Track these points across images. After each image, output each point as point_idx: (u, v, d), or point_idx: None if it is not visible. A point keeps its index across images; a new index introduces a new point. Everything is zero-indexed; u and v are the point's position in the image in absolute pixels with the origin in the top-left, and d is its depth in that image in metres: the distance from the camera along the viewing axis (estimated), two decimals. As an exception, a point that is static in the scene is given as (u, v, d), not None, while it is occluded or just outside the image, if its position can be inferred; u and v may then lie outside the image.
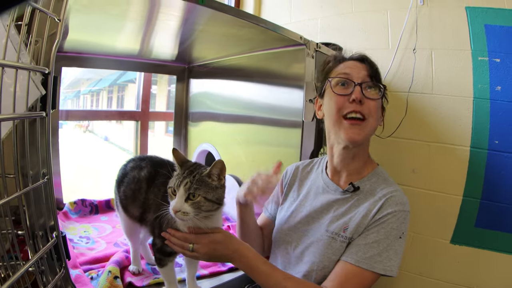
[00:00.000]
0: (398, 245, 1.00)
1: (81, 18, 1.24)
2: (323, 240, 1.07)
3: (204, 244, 1.00)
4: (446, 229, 1.71)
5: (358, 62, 1.15)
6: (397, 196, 1.05)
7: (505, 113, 1.57)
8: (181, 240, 1.02)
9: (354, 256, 1.00)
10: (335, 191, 1.16)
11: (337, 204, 1.13)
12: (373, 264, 0.97)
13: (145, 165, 1.18)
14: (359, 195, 1.11)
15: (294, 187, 1.30)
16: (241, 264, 1.02)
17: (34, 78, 0.71)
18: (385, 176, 1.16)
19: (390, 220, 1.01)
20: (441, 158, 1.72)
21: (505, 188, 1.57)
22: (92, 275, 1.23)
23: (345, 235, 1.04)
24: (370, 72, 1.11)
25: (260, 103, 1.83)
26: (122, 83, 3.37)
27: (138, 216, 1.17)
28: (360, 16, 1.97)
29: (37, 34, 0.73)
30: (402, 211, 1.02)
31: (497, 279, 1.61)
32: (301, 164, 1.35)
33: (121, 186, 1.21)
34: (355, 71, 1.11)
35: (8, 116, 0.66)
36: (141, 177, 1.16)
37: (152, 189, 1.12)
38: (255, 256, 1.02)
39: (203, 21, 1.38)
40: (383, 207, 1.03)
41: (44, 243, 0.83)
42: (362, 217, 1.04)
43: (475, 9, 1.62)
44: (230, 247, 1.02)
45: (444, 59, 1.70)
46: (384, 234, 1.00)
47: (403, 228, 1.02)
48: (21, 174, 0.78)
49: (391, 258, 0.99)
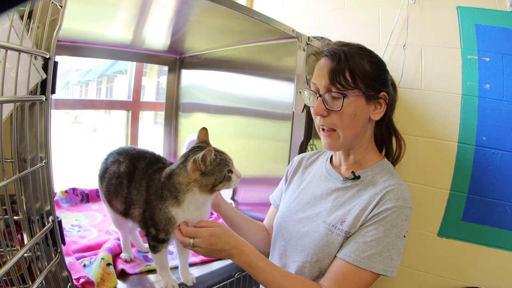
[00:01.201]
0: (401, 245, 0.97)
1: (75, 7, 1.24)
2: (320, 231, 1.05)
3: (205, 238, 1.01)
4: (433, 222, 1.74)
5: (327, 58, 1.03)
6: (399, 190, 1.00)
7: (493, 111, 1.59)
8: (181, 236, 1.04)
9: (352, 255, 0.96)
10: (336, 179, 1.13)
11: (337, 193, 1.10)
12: (372, 264, 0.94)
13: (123, 159, 1.19)
14: (360, 185, 1.07)
15: (298, 174, 1.30)
16: (240, 260, 1.02)
17: (35, 62, 0.72)
18: (390, 168, 1.12)
19: (391, 217, 0.96)
20: (429, 153, 1.74)
21: (491, 183, 1.61)
22: (84, 263, 1.24)
23: (341, 228, 1.01)
24: (336, 71, 0.99)
25: (250, 95, 1.84)
26: (112, 74, 3.33)
27: (123, 211, 1.18)
28: (352, 11, 1.98)
29: (38, 20, 0.74)
30: (403, 207, 0.97)
31: (483, 272, 1.65)
32: (307, 155, 1.34)
33: (103, 181, 1.22)
34: (320, 77, 1.03)
35: (10, 98, 0.68)
36: (120, 172, 1.17)
37: (134, 185, 1.13)
38: (253, 252, 1.03)
39: (196, 12, 1.39)
40: (382, 201, 0.98)
41: (40, 228, 0.84)
42: (360, 210, 1.00)
43: (466, 9, 1.65)
44: (229, 242, 1.02)
45: (433, 56, 1.72)
46: (384, 232, 0.96)
47: (405, 226, 0.97)
48: (19, 158, 0.79)
49: (393, 258, 0.95)
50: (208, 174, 1.02)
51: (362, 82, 1.00)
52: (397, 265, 0.96)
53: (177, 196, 1.04)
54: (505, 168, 1.58)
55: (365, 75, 1.01)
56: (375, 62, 1.05)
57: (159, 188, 1.07)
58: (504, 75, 1.57)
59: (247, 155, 1.83)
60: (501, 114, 1.58)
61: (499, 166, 1.59)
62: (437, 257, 1.75)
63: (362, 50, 1.05)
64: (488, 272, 1.64)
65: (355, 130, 1.05)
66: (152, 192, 1.08)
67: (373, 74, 1.02)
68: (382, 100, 1.05)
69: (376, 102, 1.06)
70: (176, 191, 1.04)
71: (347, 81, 0.99)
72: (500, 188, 1.59)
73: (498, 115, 1.59)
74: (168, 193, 1.05)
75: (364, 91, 1.01)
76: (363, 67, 1.01)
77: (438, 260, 1.75)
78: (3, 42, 0.63)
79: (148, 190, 1.09)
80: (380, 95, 1.04)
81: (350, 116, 1.02)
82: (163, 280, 1.16)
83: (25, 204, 0.82)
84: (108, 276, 1.16)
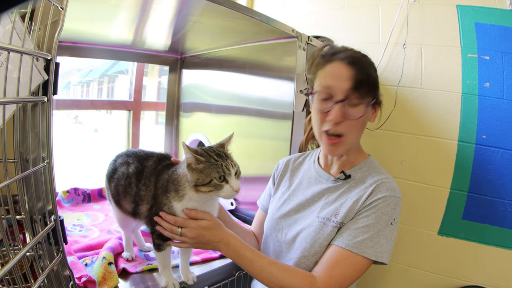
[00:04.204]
0: (389, 231, 1.00)
1: (77, 8, 1.24)
2: (314, 225, 1.08)
3: (192, 228, 1.03)
4: (434, 220, 1.74)
5: (346, 64, 1.04)
6: (388, 182, 1.05)
7: (493, 109, 1.60)
8: (170, 223, 1.05)
9: (345, 240, 0.99)
10: (327, 180, 1.16)
11: (328, 192, 1.13)
12: (364, 248, 0.97)
13: (132, 161, 1.20)
14: (350, 183, 1.11)
15: (286, 178, 1.31)
16: (228, 251, 1.04)
17: (37, 64, 0.73)
18: (376, 165, 1.16)
19: (381, 205, 1.01)
20: (429, 151, 1.75)
21: (492, 181, 1.61)
22: (86, 262, 1.25)
23: (336, 220, 1.04)
24: (358, 79, 1.02)
25: (251, 95, 1.85)
26: (113, 74, 3.34)
27: (131, 211, 1.19)
28: (352, 10, 1.99)
29: (40, 22, 0.75)
30: (393, 196, 1.02)
31: (483, 271, 1.65)
32: (293, 157, 1.36)
33: (111, 182, 1.23)
34: (338, 82, 1.03)
35: (13, 99, 0.68)
36: (130, 173, 1.17)
37: (143, 181, 1.14)
38: (240, 244, 1.04)
39: (197, 12, 1.39)
40: (374, 192, 1.03)
41: (43, 228, 0.84)
42: (353, 202, 1.04)
43: (466, 8, 1.65)
44: (217, 235, 1.04)
45: (433, 55, 1.73)
46: (375, 219, 0.99)
47: (394, 214, 1.01)
48: (21, 159, 0.80)
49: (382, 244, 0.98)
50: (194, 171, 1.01)
51: (374, 90, 1.07)
52: (387, 251, 0.99)
53: (178, 189, 1.04)
54: (505, 167, 1.58)
55: (374, 83, 1.08)
56: (375, 69, 1.11)
57: (165, 181, 1.08)
58: (504, 74, 1.58)
59: (247, 154, 1.83)
60: (501, 112, 1.58)
61: (500, 165, 1.59)
62: (437, 255, 1.75)
63: (366, 57, 1.11)
64: (489, 270, 1.64)
65: (360, 134, 1.11)
66: (159, 186, 1.09)
67: (377, 81, 1.10)
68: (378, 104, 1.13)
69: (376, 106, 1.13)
70: (177, 183, 1.05)
71: (368, 89, 1.04)
72: (500, 187, 1.59)
73: (498, 113, 1.59)
74: (171, 185, 1.06)
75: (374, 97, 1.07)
76: (373, 75, 1.08)
77: (439, 259, 1.75)
78: (5, 44, 0.64)
79: (156, 185, 1.10)
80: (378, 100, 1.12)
81: (362, 122, 1.08)
82: (164, 279, 1.17)
83: (27, 204, 0.82)
84: (109, 275, 1.16)
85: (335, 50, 1.10)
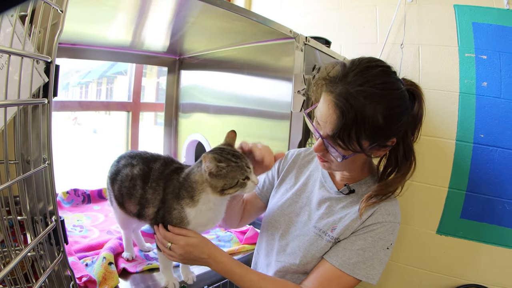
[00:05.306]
0: (384, 255, 1.00)
1: (76, 10, 1.25)
2: (310, 235, 1.07)
3: (180, 246, 1.04)
4: (432, 219, 1.75)
5: (333, 104, 0.89)
6: (390, 205, 1.02)
7: (491, 108, 1.61)
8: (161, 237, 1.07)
9: (339, 260, 0.99)
10: (330, 189, 1.12)
11: (330, 202, 1.10)
12: (356, 270, 0.98)
13: (137, 162, 1.19)
14: (353, 197, 1.07)
15: (292, 174, 1.28)
16: (217, 268, 1.05)
17: (37, 66, 0.74)
18: None
19: (379, 230, 0.99)
20: (427, 151, 1.74)
21: (490, 180, 1.62)
22: (87, 262, 1.26)
23: (332, 235, 1.03)
24: (341, 126, 0.87)
25: (249, 95, 1.85)
26: (111, 75, 3.34)
27: (136, 212, 1.18)
28: (349, 11, 2.00)
29: (40, 25, 0.76)
30: (392, 222, 1.00)
31: (482, 269, 1.66)
32: (303, 152, 1.31)
33: (114, 183, 1.22)
34: (322, 120, 0.93)
35: (14, 102, 0.69)
36: (134, 175, 1.16)
37: (150, 184, 1.13)
38: (229, 260, 1.05)
39: (195, 14, 1.40)
40: (374, 215, 1.00)
41: (43, 228, 0.85)
42: (352, 220, 1.01)
43: (463, 7, 1.66)
44: (205, 251, 1.04)
45: (431, 54, 1.74)
46: (371, 243, 0.99)
47: (391, 239, 1.00)
48: (22, 160, 0.80)
49: (374, 267, 0.98)
50: (218, 177, 1.01)
51: (368, 138, 0.90)
52: (378, 273, 0.99)
53: (193, 196, 1.04)
54: (503, 165, 1.59)
55: (373, 129, 0.88)
56: (391, 108, 0.88)
57: (176, 188, 1.07)
58: (502, 73, 1.58)
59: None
60: (499, 111, 1.59)
61: (498, 164, 1.60)
62: (436, 254, 1.76)
63: (383, 89, 0.88)
64: (487, 269, 1.65)
65: (351, 167, 1.06)
66: (169, 191, 1.09)
67: (384, 125, 0.88)
68: (388, 144, 0.96)
69: (381, 146, 0.97)
70: (192, 190, 1.04)
71: (350, 141, 0.89)
72: (498, 185, 1.60)
73: (496, 112, 1.60)
74: (185, 192, 1.05)
75: (367, 147, 0.92)
76: (374, 121, 0.87)
77: (438, 258, 1.76)
78: (6, 48, 0.64)
79: (166, 189, 1.10)
80: (387, 143, 0.95)
81: (348, 162, 1.00)
82: (165, 278, 1.18)
83: (28, 205, 0.83)
84: (110, 275, 1.17)
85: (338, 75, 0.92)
